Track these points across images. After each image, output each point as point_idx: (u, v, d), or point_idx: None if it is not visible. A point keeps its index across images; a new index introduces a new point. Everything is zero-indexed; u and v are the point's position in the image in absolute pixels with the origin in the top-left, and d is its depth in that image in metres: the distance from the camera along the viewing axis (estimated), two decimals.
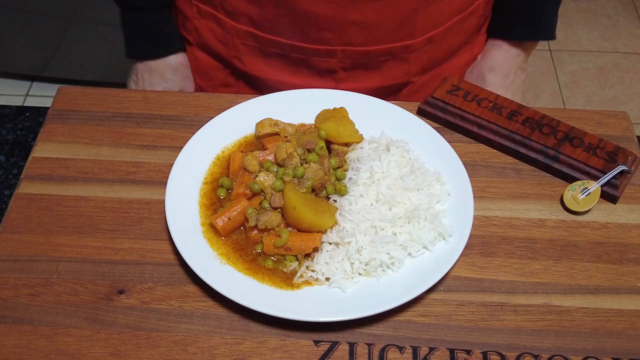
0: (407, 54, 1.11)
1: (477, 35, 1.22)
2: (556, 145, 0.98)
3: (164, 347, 0.78)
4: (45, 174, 0.96)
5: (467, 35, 1.18)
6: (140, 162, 0.98)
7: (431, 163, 0.94)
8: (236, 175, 0.92)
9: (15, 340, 0.78)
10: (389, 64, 1.11)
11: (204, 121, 0.99)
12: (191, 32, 1.17)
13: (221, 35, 1.13)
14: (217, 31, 1.13)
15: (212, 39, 1.15)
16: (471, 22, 1.16)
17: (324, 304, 0.80)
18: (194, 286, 0.84)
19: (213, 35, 1.14)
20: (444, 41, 1.13)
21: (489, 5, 1.20)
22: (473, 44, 1.21)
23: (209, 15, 1.12)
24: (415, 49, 1.11)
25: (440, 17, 1.09)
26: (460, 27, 1.14)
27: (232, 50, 1.14)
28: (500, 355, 0.79)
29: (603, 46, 2.92)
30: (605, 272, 0.87)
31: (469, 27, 1.16)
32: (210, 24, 1.13)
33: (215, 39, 1.14)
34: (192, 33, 1.17)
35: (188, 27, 1.17)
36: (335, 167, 0.93)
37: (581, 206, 0.92)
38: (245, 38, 1.11)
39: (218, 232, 0.86)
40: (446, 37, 1.13)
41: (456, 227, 0.86)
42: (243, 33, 1.10)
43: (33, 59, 2.49)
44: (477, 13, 1.15)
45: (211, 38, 1.14)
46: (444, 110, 1.03)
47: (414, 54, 1.11)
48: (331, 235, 0.85)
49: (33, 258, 0.86)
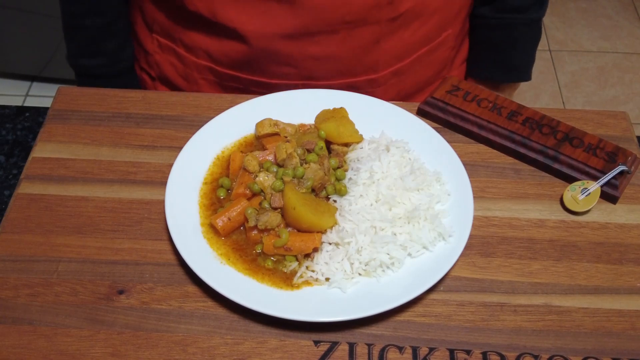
0: (372, 88, 1.09)
1: (451, 69, 1.18)
2: (556, 145, 0.98)
3: (164, 347, 0.78)
4: (45, 174, 0.96)
5: (439, 68, 1.15)
6: (140, 162, 0.98)
7: (431, 163, 0.94)
8: (236, 176, 0.92)
9: (15, 341, 0.78)
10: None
11: (204, 121, 0.99)
12: (153, 67, 1.17)
13: (181, 70, 1.12)
14: (177, 65, 1.12)
15: (173, 73, 1.14)
16: (441, 53, 1.12)
17: (324, 304, 0.80)
18: (194, 286, 0.84)
19: (174, 70, 1.13)
20: (412, 74, 1.10)
21: (461, 38, 1.16)
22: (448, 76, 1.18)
23: (168, 50, 1.11)
24: (380, 83, 1.08)
25: (404, 49, 1.06)
26: (429, 59, 1.11)
27: (192, 84, 1.13)
28: (500, 355, 0.79)
29: (603, 46, 2.92)
30: (605, 273, 0.87)
31: (438, 59, 1.13)
32: (171, 58, 1.12)
33: (175, 73, 1.14)
34: (153, 68, 1.17)
35: (150, 61, 1.16)
36: (335, 167, 0.93)
37: (581, 206, 0.92)
38: (204, 73, 1.10)
39: (218, 232, 0.86)
40: (414, 69, 1.10)
41: (456, 228, 0.86)
42: (202, 68, 1.09)
43: (33, 59, 2.49)
44: (447, 45, 1.12)
45: (172, 72, 1.14)
46: (444, 110, 1.03)
47: (380, 88, 1.09)
48: (331, 236, 0.85)
49: (33, 258, 0.86)
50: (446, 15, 1.08)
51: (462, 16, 1.13)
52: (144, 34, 1.14)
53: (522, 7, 1.12)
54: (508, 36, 1.15)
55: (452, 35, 1.12)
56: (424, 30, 1.06)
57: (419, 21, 1.04)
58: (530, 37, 1.16)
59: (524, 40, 1.16)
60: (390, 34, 1.02)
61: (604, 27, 3.01)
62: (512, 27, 1.13)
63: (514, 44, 1.15)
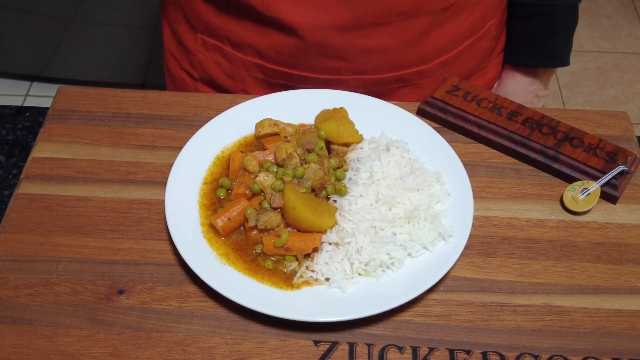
0: (420, 80, 1.09)
1: (490, 59, 1.19)
2: (556, 145, 0.98)
3: (164, 347, 0.78)
4: (45, 174, 0.96)
5: (480, 59, 1.15)
6: (140, 162, 0.98)
7: (431, 163, 0.94)
8: (236, 176, 0.92)
9: (15, 341, 0.78)
10: (402, 91, 1.09)
11: (204, 121, 0.99)
12: (195, 67, 1.15)
13: (227, 68, 1.11)
14: (222, 64, 1.11)
15: (218, 72, 1.12)
16: (483, 44, 1.13)
17: (324, 304, 0.80)
18: (194, 286, 0.84)
19: (219, 68, 1.12)
20: (457, 65, 1.11)
21: (501, 28, 1.17)
22: (487, 68, 1.19)
23: (214, 48, 1.10)
24: (428, 75, 1.08)
25: (452, 40, 1.07)
26: (472, 50, 1.12)
27: (238, 82, 1.12)
28: (500, 355, 0.79)
29: (603, 46, 2.92)
30: (605, 272, 0.87)
31: (481, 50, 1.14)
32: (216, 56, 1.11)
33: (221, 72, 1.12)
34: (196, 68, 1.15)
35: (192, 61, 1.15)
36: (335, 167, 0.93)
37: (581, 206, 0.92)
38: (252, 70, 1.09)
39: (218, 232, 0.86)
40: (458, 61, 1.11)
41: (456, 228, 0.86)
42: (250, 65, 1.08)
43: (33, 59, 2.49)
44: (489, 35, 1.13)
45: (216, 71, 1.12)
46: (444, 110, 1.03)
47: (427, 79, 1.09)
48: (331, 236, 0.85)
49: (33, 258, 0.86)
50: (490, 4, 1.09)
51: (502, 6, 1.14)
52: (187, 34, 1.13)
53: None
54: (547, 22, 1.15)
55: (494, 25, 1.13)
56: (470, 21, 1.07)
57: (466, 11, 1.05)
58: (569, 23, 1.16)
59: (563, 26, 1.16)
60: (440, 25, 1.03)
61: (604, 27, 3.01)
62: (552, 14, 1.13)
63: (552, 30, 1.15)
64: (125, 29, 2.36)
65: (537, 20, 1.15)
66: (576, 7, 1.15)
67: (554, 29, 1.15)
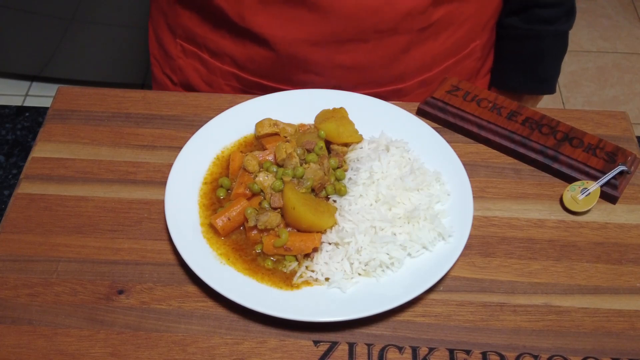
0: (398, 98, 1.08)
1: (475, 80, 1.18)
2: (556, 145, 0.98)
3: (164, 347, 0.78)
4: (44, 174, 0.96)
5: (464, 78, 1.14)
6: (140, 162, 0.98)
7: (431, 163, 0.94)
8: (236, 176, 0.92)
9: (14, 340, 0.78)
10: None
11: (203, 121, 0.99)
12: (175, 72, 1.16)
13: (205, 76, 1.11)
14: (201, 71, 1.11)
15: (197, 79, 1.13)
16: (467, 64, 1.12)
17: (324, 304, 0.80)
18: (194, 286, 0.84)
19: (197, 75, 1.12)
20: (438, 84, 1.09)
21: (488, 49, 1.16)
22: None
23: (193, 55, 1.11)
24: (407, 93, 1.08)
25: (432, 59, 1.06)
26: (456, 69, 1.11)
27: (216, 90, 1.13)
28: (500, 355, 0.79)
29: (603, 46, 2.92)
30: (605, 272, 0.87)
31: (465, 70, 1.12)
32: (195, 63, 1.11)
33: (199, 78, 1.13)
34: (176, 73, 1.16)
35: (173, 66, 1.15)
36: (334, 167, 0.93)
37: (581, 206, 0.92)
38: (229, 79, 1.09)
39: (218, 232, 0.86)
40: (440, 80, 1.09)
41: (456, 227, 0.86)
42: (227, 74, 1.09)
43: (33, 59, 2.49)
44: (474, 56, 1.12)
45: (195, 78, 1.13)
46: (444, 110, 1.03)
47: (406, 97, 1.08)
48: (331, 236, 0.85)
49: (33, 258, 0.86)
50: (475, 25, 1.08)
51: (489, 27, 1.13)
52: (168, 39, 1.13)
53: (551, 18, 1.11)
54: (535, 47, 1.14)
55: (480, 46, 1.12)
56: (452, 41, 1.06)
57: (448, 31, 1.04)
58: (557, 49, 1.15)
59: (551, 52, 1.15)
60: (420, 44, 1.02)
61: (604, 27, 3.00)
62: (540, 39, 1.13)
63: (540, 56, 1.14)
64: (125, 29, 2.36)
65: (525, 44, 1.14)
66: (565, 34, 1.14)
67: (542, 54, 1.14)
